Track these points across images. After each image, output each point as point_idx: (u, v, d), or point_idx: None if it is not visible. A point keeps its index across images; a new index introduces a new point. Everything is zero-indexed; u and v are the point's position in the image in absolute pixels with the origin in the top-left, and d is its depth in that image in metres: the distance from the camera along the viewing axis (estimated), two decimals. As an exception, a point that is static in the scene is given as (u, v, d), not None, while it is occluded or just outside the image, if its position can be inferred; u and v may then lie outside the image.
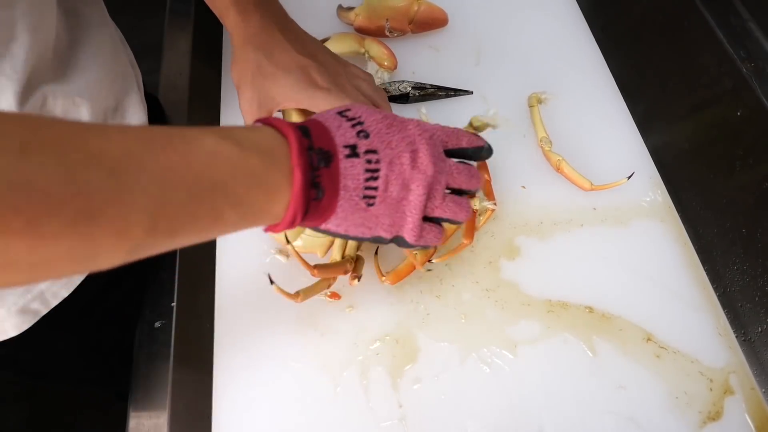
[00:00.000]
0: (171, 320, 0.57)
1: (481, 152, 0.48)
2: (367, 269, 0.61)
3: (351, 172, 0.39)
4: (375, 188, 0.40)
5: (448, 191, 0.45)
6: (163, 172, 0.31)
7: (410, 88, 0.73)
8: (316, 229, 0.41)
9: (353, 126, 0.41)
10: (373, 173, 0.40)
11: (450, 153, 0.46)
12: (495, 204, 0.61)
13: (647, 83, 0.74)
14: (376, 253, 0.59)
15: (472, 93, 0.75)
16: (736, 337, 0.59)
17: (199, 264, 0.62)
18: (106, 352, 0.72)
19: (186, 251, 0.61)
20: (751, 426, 0.55)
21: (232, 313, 0.59)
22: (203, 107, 0.73)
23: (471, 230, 0.59)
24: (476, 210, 0.60)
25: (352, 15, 0.78)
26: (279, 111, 0.57)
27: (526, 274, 0.61)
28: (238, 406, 0.54)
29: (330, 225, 0.40)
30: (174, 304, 0.58)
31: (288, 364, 0.56)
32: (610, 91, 0.76)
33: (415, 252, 0.59)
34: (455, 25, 0.80)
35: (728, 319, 0.60)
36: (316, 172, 0.37)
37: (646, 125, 0.73)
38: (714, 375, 0.57)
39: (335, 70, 0.57)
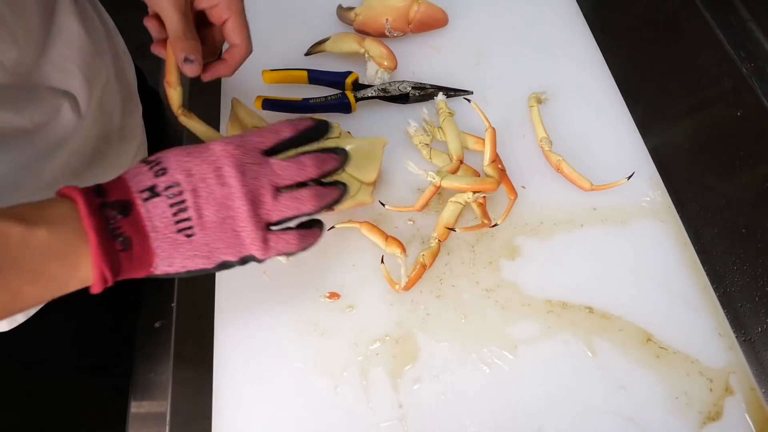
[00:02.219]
0: (171, 320, 0.57)
1: (316, 131, 0.46)
2: (369, 270, 0.61)
3: (155, 213, 0.38)
4: (188, 219, 0.39)
5: (285, 190, 0.43)
6: None
7: (410, 88, 0.73)
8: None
9: (151, 168, 0.40)
10: (179, 206, 0.39)
11: (287, 148, 0.44)
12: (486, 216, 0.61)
13: (647, 83, 0.74)
14: (382, 261, 0.59)
15: (472, 93, 0.75)
16: (736, 337, 0.59)
17: (199, 264, 0.62)
18: (103, 346, 0.72)
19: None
20: (751, 426, 0.55)
21: (232, 313, 0.59)
22: (203, 107, 0.73)
23: (484, 213, 0.61)
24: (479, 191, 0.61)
25: (352, 15, 0.78)
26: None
27: (526, 274, 0.61)
28: (238, 406, 0.54)
29: (161, 268, 0.39)
30: (174, 304, 0.58)
31: (288, 364, 0.56)
32: (610, 91, 0.76)
33: (423, 253, 0.59)
34: (455, 25, 0.80)
35: (728, 319, 0.60)
36: (113, 224, 0.37)
37: (646, 125, 0.73)
38: (714, 375, 0.57)
39: None
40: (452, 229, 0.60)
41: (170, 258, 0.39)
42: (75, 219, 0.36)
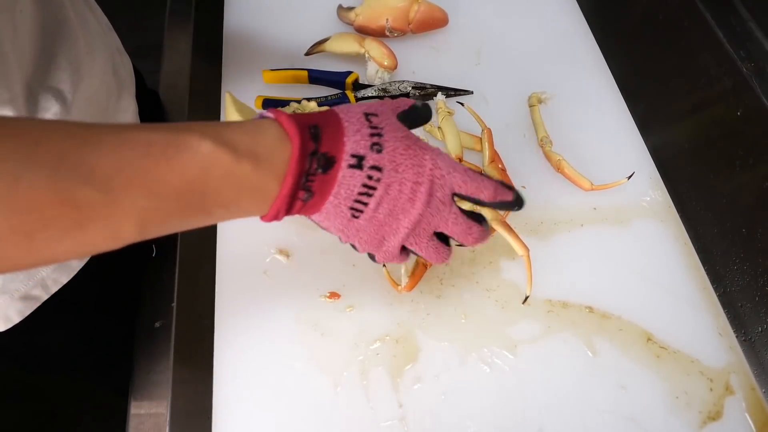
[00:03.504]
0: (171, 320, 0.57)
1: (508, 207, 0.45)
2: (369, 270, 0.61)
3: (348, 182, 0.39)
4: (365, 204, 0.40)
5: (435, 234, 0.45)
6: (154, 185, 0.32)
7: (410, 88, 0.73)
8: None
9: (371, 135, 0.40)
10: (369, 189, 0.39)
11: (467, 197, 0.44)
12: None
13: (647, 83, 0.74)
14: (384, 264, 0.59)
15: (472, 93, 0.75)
16: (736, 337, 0.59)
17: (199, 264, 0.62)
18: (103, 346, 0.72)
19: (186, 251, 0.61)
20: (752, 426, 0.55)
21: (232, 313, 0.59)
22: (203, 107, 0.73)
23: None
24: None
25: (352, 15, 0.78)
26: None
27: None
28: (238, 406, 0.54)
29: (314, 218, 0.42)
30: (174, 304, 0.57)
31: (288, 364, 0.56)
32: (610, 91, 0.76)
33: None
34: (455, 25, 0.80)
35: (728, 319, 0.60)
36: (310, 177, 0.38)
37: (646, 125, 0.73)
38: (714, 375, 0.57)
39: None
40: (461, 245, 0.60)
41: (326, 219, 0.41)
42: (281, 159, 0.37)
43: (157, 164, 0.33)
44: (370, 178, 0.39)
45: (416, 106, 0.45)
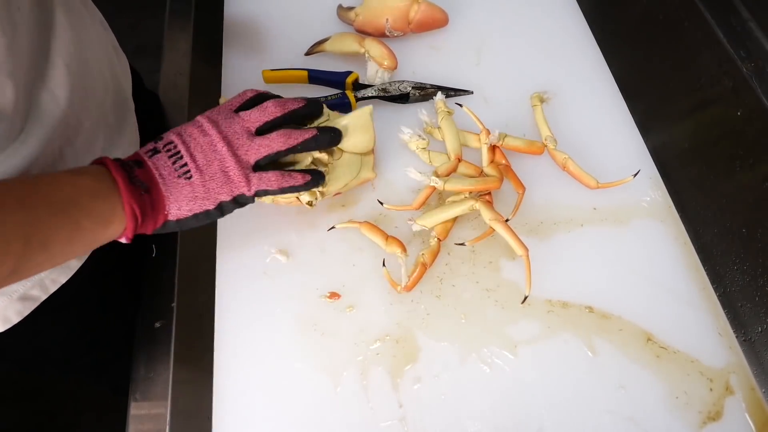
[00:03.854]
0: (171, 320, 0.57)
1: (305, 112, 0.55)
2: (369, 269, 0.61)
3: (159, 164, 0.48)
4: (185, 164, 0.48)
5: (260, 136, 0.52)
6: (28, 202, 0.40)
7: (410, 88, 0.73)
8: (166, 227, 0.49)
9: (155, 141, 0.50)
10: (176, 156, 0.48)
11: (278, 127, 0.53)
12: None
13: (647, 83, 0.74)
14: (383, 264, 0.59)
15: (472, 93, 0.75)
16: (736, 337, 0.59)
17: (199, 264, 0.62)
18: (103, 346, 0.72)
19: (186, 251, 0.61)
20: (751, 426, 0.55)
21: (232, 313, 0.59)
22: (203, 106, 0.73)
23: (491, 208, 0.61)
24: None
25: (352, 15, 0.78)
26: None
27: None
28: (238, 406, 0.54)
29: (173, 212, 0.48)
30: (174, 304, 0.58)
31: (288, 364, 0.56)
32: (611, 91, 0.76)
33: (423, 252, 0.59)
34: (455, 25, 0.80)
35: (728, 319, 0.60)
36: (132, 172, 0.46)
37: (646, 125, 0.73)
38: (714, 375, 0.57)
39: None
40: (462, 244, 0.60)
41: (178, 201, 0.48)
42: (106, 173, 0.45)
43: (32, 187, 0.42)
44: (168, 150, 0.48)
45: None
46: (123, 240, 0.47)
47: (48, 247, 0.41)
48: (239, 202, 0.51)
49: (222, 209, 0.50)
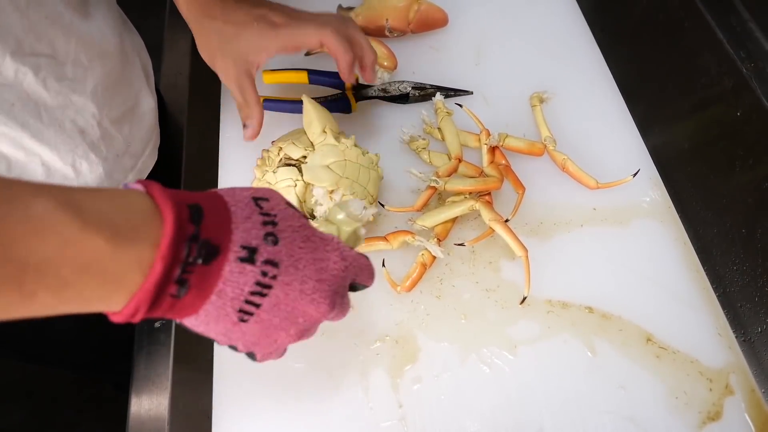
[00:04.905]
0: (171, 320, 0.57)
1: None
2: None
3: (236, 279, 0.32)
4: (258, 305, 0.33)
5: None
6: None
7: (410, 89, 0.73)
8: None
9: (264, 224, 0.33)
10: (263, 288, 0.33)
11: None
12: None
13: (647, 83, 0.74)
14: (383, 264, 0.59)
15: (471, 93, 0.75)
16: (736, 337, 0.59)
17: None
18: (103, 346, 0.72)
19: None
20: (751, 426, 0.55)
21: (232, 313, 0.59)
22: (203, 106, 0.73)
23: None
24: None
25: (352, 15, 0.78)
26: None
27: (526, 274, 0.61)
28: (238, 406, 0.54)
29: (185, 322, 0.34)
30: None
31: (288, 365, 0.56)
32: (610, 91, 0.76)
33: (422, 252, 0.59)
34: (455, 25, 0.80)
35: (728, 319, 0.60)
36: (187, 267, 0.30)
37: (646, 125, 0.73)
38: (714, 375, 0.57)
39: (294, 10, 0.58)
40: (461, 244, 0.60)
41: (203, 324, 0.33)
42: (149, 238, 0.29)
43: None
44: (264, 275, 0.33)
45: None
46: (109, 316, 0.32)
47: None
48: (252, 356, 0.38)
49: (233, 348, 0.37)
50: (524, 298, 0.58)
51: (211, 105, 0.74)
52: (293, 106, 0.70)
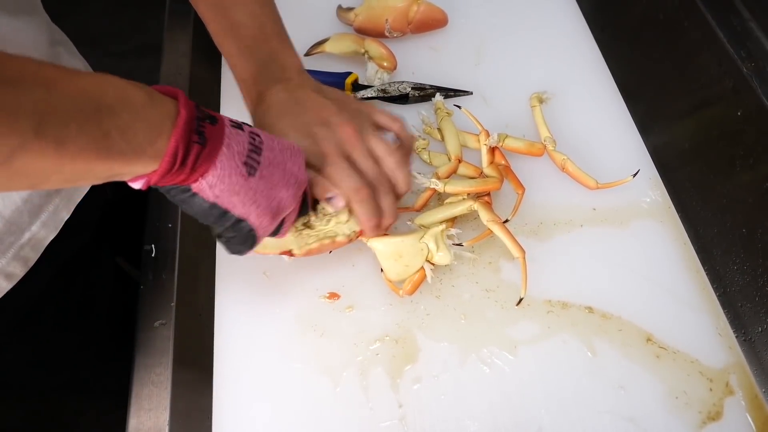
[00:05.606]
0: (171, 320, 0.57)
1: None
2: (369, 270, 0.61)
3: (235, 137, 0.41)
4: (257, 162, 0.42)
5: None
6: (48, 82, 0.33)
7: (410, 89, 0.73)
8: (178, 196, 0.42)
9: (243, 123, 0.44)
10: (255, 147, 0.43)
11: None
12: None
13: (647, 83, 0.74)
14: (381, 270, 0.59)
15: (471, 93, 0.75)
16: (736, 337, 0.59)
17: (199, 264, 0.62)
18: (103, 346, 0.72)
19: (186, 251, 0.61)
20: (752, 426, 0.55)
21: (232, 313, 0.59)
22: (203, 106, 0.73)
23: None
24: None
25: (352, 15, 0.78)
26: None
27: (526, 274, 0.61)
28: (238, 406, 0.54)
29: (205, 183, 0.40)
30: (174, 304, 0.57)
31: (288, 364, 0.56)
32: (610, 91, 0.76)
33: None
34: (455, 25, 0.80)
35: (728, 319, 0.60)
36: (201, 122, 0.39)
37: (646, 125, 0.73)
38: (714, 375, 0.56)
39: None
40: (460, 244, 0.60)
41: (222, 178, 0.41)
42: (168, 101, 0.39)
43: (57, 70, 0.34)
44: (253, 138, 0.43)
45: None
46: (137, 185, 0.40)
47: (61, 147, 0.33)
48: (253, 235, 0.46)
49: (239, 228, 0.45)
50: (521, 300, 0.58)
51: (211, 105, 0.74)
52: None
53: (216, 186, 0.41)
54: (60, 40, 0.61)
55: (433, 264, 0.58)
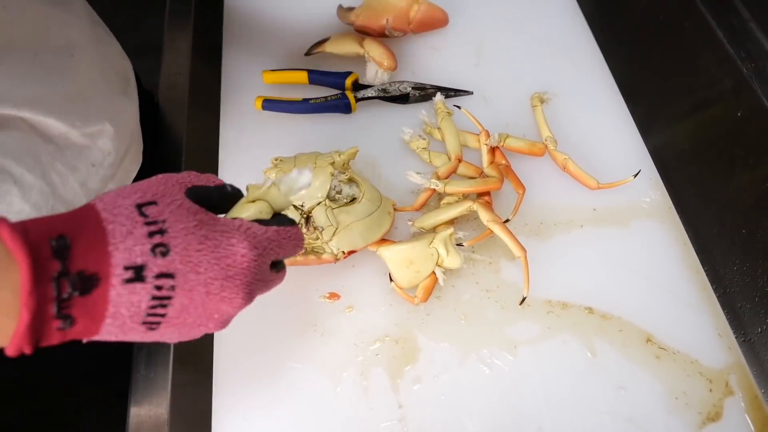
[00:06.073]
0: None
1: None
2: (369, 270, 0.61)
3: (127, 300, 0.30)
4: (162, 315, 0.32)
5: None
6: None
7: (410, 89, 0.73)
8: None
9: (150, 235, 0.31)
10: (161, 301, 0.31)
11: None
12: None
13: (647, 83, 0.74)
14: (390, 279, 0.59)
15: (471, 93, 0.75)
16: (736, 337, 0.59)
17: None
18: (103, 346, 0.72)
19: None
20: (751, 426, 0.55)
21: (232, 313, 0.59)
22: (203, 107, 0.73)
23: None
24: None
25: (352, 15, 0.78)
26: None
27: (526, 275, 0.61)
28: (238, 406, 0.54)
29: (96, 336, 0.32)
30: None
31: (288, 365, 0.56)
32: (610, 91, 0.76)
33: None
34: (455, 25, 0.80)
35: (728, 319, 0.60)
36: (63, 303, 0.29)
37: (646, 125, 0.73)
38: (714, 376, 0.57)
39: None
40: (460, 245, 0.60)
41: (116, 337, 0.32)
42: (6, 287, 0.28)
43: None
44: (158, 288, 0.31)
45: (224, 187, 0.38)
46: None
47: None
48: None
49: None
50: (524, 299, 0.58)
51: (211, 105, 0.74)
52: (293, 106, 0.71)
53: (111, 337, 0.33)
54: (98, 21, 0.62)
55: (443, 268, 0.58)
